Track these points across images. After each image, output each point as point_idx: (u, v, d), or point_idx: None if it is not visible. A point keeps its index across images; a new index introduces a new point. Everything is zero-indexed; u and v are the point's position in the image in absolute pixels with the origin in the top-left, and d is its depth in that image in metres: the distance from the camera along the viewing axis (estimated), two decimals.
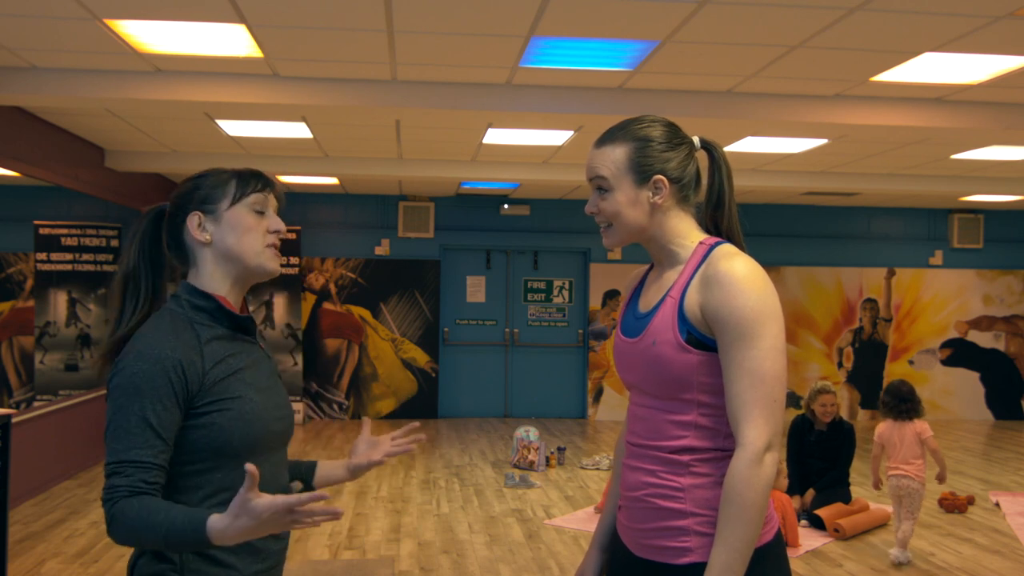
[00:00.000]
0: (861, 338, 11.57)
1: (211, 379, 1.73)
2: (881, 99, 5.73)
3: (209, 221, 1.82)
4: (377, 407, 10.92)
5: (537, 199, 11.18)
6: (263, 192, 1.85)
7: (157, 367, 1.66)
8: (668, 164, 1.85)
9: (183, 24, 4.45)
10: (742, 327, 1.71)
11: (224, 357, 1.77)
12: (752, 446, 1.68)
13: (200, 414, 1.71)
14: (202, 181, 1.85)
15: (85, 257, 9.24)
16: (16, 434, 5.40)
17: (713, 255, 1.80)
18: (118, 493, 1.60)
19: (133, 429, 1.63)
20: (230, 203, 1.83)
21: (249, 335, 1.88)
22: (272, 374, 1.90)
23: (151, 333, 1.73)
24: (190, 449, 1.71)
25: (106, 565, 5.18)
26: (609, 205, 1.86)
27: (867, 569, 5.31)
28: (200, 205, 1.83)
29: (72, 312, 9.22)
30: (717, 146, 1.93)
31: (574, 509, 6.64)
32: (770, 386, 1.70)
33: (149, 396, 1.65)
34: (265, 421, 1.79)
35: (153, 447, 1.64)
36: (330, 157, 8.46)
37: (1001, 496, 7.16)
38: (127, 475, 1.61)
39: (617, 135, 1.87)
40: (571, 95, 5.62)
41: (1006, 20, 4.15)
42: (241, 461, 1.72)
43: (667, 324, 1.79)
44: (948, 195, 9.92)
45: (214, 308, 1.81)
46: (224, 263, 1.83)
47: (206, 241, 1.82)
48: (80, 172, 7.60)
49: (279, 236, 1.87)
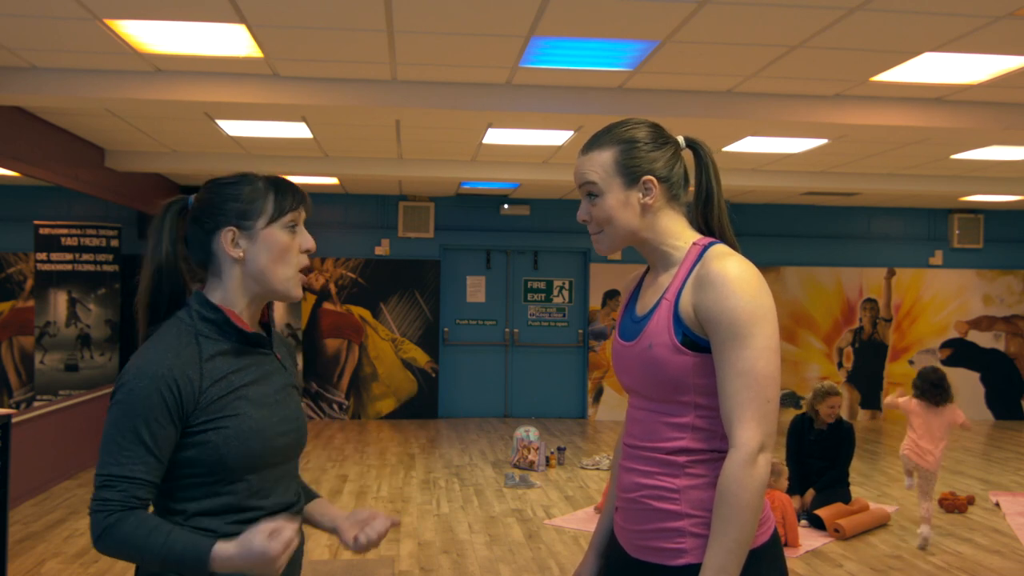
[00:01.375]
0: (861, 338, 11.57)
1: (208, 397, 1.72)
2: (881, 99, 5.73)
3: (243, 238, 1.79)
4: (377, 407, 10.92)
5: (537, 199, 11.18)
6: (297, 210, 1.83)
7: (153, 385, 1.66)
8: (655, 164, 1.85)
9: (183, 24, 4.45)
10: (735, 328, 1.70)
11: (226, 374, 1.75)
12: (745, 447, 1.68)
13: (196, 432, 1.71)
14: (239, 192, 1.80)
15: (85, 257, 9.24)
16: (16, 434, 5.40)
17: (707, 256, 1.80)
18: (111, 506, 1.62)
19: (127, 445, 1.65)
20: (267, 222, 1.79)
21: (262, 347, 1.85)
22: (284, 387, 1.87)
23: (153, 347, 1.73)
24: (186, 464, 1.72)
25: (106, 565, 5.18)
26: (600, 210, 1.86)
27: (867, 569, 5.31)
28: (237, 220, 1.78)
29: (72, 312, 9.22)
30: (702, 144, 1.93)
31: (574, 509, 6.64)
32: (763, 386, 1.70)
33: (143, 414, 1.65)
34: (266, 437, 1.77)
35: (146, 463, 1.65)
36: (330, 157, 8.46)
37: (1001, 496, 7.16)
38: (120, 489, 1.63)
39: (602, 139, 1.87)
40: (571, 95, 5.62)
41: (1006, 20, 4.15)
42: (238, 476, 1.73)
43: (662, 327, 1.80)
44: (948, 195, 9.92)
45: (222, 322, 1.78)
46: (250, 281, 1.81)
47: (238, 258, 1.79)
48: (80, 172, 7.60)
49: (309, 255, 1.85)
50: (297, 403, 1.92)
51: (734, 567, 1.68)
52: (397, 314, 10.95)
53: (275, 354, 1.89)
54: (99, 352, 9.32)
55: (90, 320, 9.27)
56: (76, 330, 9.21)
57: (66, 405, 7.46)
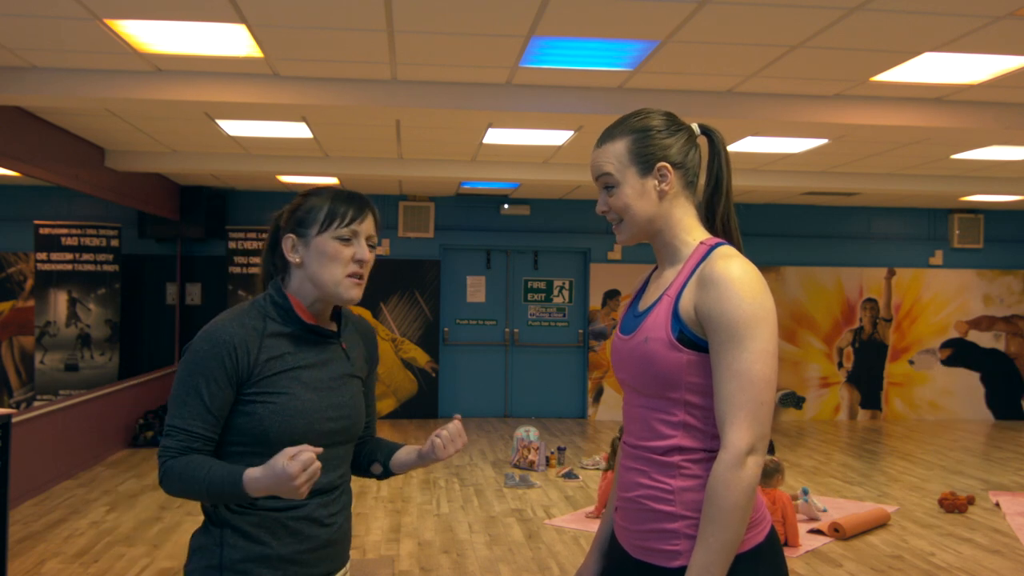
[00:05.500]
0: (861, 338, 11.57)
1: (262, 371, 1.88)
2: (881, 99, 5.73)
3: (301, 244, 1.96)
4: (377, 407, 10.89)
5: (537, 199, 11.18)
6: (351, 225, 1.94)
7: (215, 349, 1.85)
8: (669, 151, 1.86)
9: (183, 24, 4.45)
10: (733, 329, 1.71)
11: (283, 354, 1.91)
12: (734, 448, 1.69)
13: (247, 401, 1.88)
14: (304, 202, 1.98)
15: (85, 257, 9.24)
16: (16, 434, 5.40)
17: (712, 256, 1.81)
18: (168, 453, 1.84)
19: (189, 401, 1.85)
20: (318, 230, 1.94)
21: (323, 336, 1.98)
22: (342, 375, 2.00)
23: (224, 316, 1.93)
24: (235, 430, 1.89)
25: (106, 565, 5.18)
26: (617, 200, 1.87)
27: (867, 569, 5.31)
28: (295, 228, 1.97)
29: (72, 312, 9.22)
30: (716, 131, 1.95)
31: (574, 509, 6.64)
32: (758, 389, 1.70)
33: (204, 374, 1.85)
34: (311, 420, 1.90)
35: (203, 419, 1.84)
36: (330, 157, 8.46)
37: (1001, 496, 7.16)
38: (178, 439, 1.84)
39: (616, 130, 1.89)
40: (571, 95, 5.62)
41: (1006, 20, 4.15)
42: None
43: (660, 322, 1.80)
44: (948, 195, 9.92)
45: (288, 308, 1.95)
46: (308, 284, 1.96)
47: (296, 263, 1.96)
48: (80, 172, 7.59)
49: (363, 266, 1.96)
50: (354, 392, 2.03)
51: (719, 568, 1.68)
52: (397, 314, 10.95)
53: (340, 343, 2.02)
54: (99, 352, 9.32)
55: (90, 320, 9.27)
56: (76, 330, 9.21)
57: (66, 405, 7.46)
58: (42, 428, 6.93)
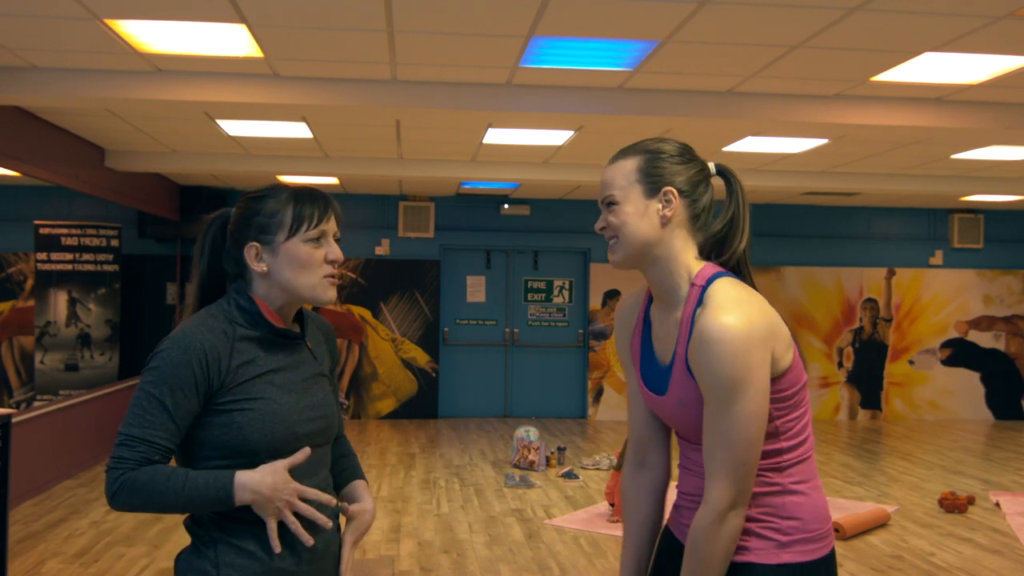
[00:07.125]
0: (861, 338, 11.57)
1: (234, 378, 1.80)
2: (881, 99, 5.73)
3: (266, 252, 1.86)
4: (377, 407, 10.92)
5: (537, 199, 11.18)
6: (319, 226, 1.86)
7: (185, 356, 1.76)
8: (678, 177, 1.85)
9: (183, 24, 4.45)
10: (718, 391, 1.73)
11: (254, 358, 1.84)
12: (715, 504, 1.74)
13: (221, 411, 1.79)
14: (261, 207, 1.87)
15: (85, 257, 9.24)
16: (16, 434, 5.40)
17: (705, 302, 1.78)
18: (126, 464, 1.72)
19: (152, 410, 1.74)
20: (287, 236, 1.85)
21: (292, 338, 1.92)
22: (312, 376, 1.94)
23: (190, 324, 1.82)
24: (211, 445, 1.80)
25: (106, 565, 5.18)
26: (616, 217, 1.86)
27: (867, 569, 5.31)
28: (257, 235, 1.86)
29: (72, 312, 9.22)
30: (733, 172, 1.92)
31: (574, 509, 6.64)
32: (740, 450, 1.73)
33: (171, 383, 1.75)
34: (290, 423, 1.84)
35: (166, 430, 1.75)
36: (330, 157, 8.46)
37: (1001, 496, 7.16)
38: (137, 450, 1.73)
39: (629, 150, 1.89)
40: (571, 95, 5.62)
41: (1006, 20, 4.15)
42: (261, 460, 1.78)
43: (685, 384, 1.82)
44: (948, 195, 9.92)
45: (255, 313, 1.86)
46: (278, 290, 1.88)
47: (262, 272, 1.87)
48: (80, 172, 7.59)
49: (336, 265, 1.90)
50: (326, 392, 1.97)
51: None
52: (397, 314, 10.95)
53: (306, 343, 1.95)
54: (99, 352, 9.32)
55: (90, 320, 9.26)
56: (76, 330, 9.21)
57: (66, 405, 7.46)
58: (42, 428, 6.93)
